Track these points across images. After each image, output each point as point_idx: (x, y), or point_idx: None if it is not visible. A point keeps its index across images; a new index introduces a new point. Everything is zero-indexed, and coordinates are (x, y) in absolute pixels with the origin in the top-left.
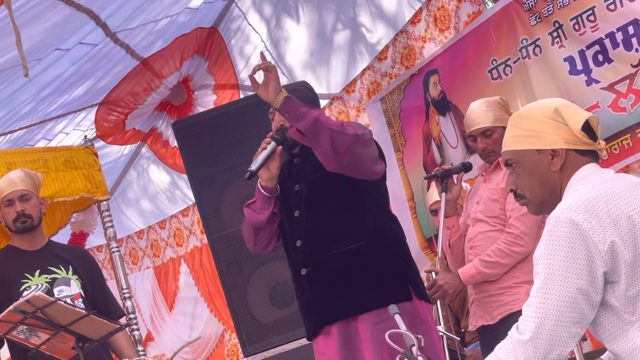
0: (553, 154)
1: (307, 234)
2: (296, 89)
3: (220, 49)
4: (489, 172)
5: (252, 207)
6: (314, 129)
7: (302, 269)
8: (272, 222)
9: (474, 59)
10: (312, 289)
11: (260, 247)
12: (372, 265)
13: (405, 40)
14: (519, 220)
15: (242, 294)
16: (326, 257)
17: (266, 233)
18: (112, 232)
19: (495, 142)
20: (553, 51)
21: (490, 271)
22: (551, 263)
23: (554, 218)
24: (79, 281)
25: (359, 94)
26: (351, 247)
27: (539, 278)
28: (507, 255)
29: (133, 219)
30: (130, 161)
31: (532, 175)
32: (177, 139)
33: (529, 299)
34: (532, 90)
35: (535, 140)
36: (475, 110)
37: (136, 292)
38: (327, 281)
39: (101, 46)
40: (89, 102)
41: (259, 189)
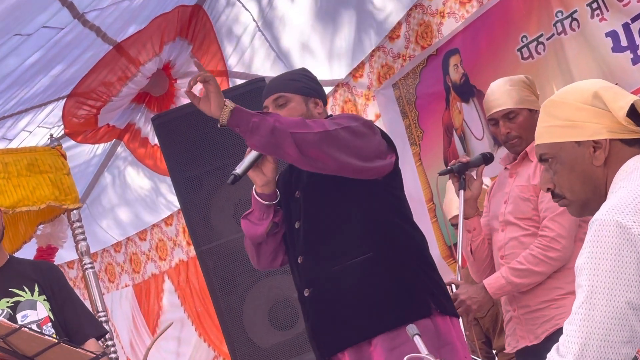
0: (595, 145)
1: (307, 249)
2: (294, 78)
3: (206, 30)
4: (515, 165)
5: (249, 218)
6: (272, 140)
7: (305, 290)
8: (275, 233)
9: (501, 36)
10: (317, 313)
11: (265, 263)
12: (383, 279)
13: (420, 15)
14: (554, 222)
15: (237, 315)
16: (330, 274)
17: (269, 247)
18: (84, 246)
19: (521, 126)
20: (593, 25)
21: (522, 280)
22: (595, 273)
23: (598, 221)
24: (47, 302)
25: (367, 80)
26: (357, 259)
27: (582, 291)
28: (541, 261)
29: (109, 230)
30: (104, 163)
31: (572, 172)
32: (158, 136)
33: (571, 316)
34: (569, 71)
35: (573, 130)
36: (497, 90)
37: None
38: (333, 302)
39: (68, 29)
40: (55, 94)
41: (255, 197)
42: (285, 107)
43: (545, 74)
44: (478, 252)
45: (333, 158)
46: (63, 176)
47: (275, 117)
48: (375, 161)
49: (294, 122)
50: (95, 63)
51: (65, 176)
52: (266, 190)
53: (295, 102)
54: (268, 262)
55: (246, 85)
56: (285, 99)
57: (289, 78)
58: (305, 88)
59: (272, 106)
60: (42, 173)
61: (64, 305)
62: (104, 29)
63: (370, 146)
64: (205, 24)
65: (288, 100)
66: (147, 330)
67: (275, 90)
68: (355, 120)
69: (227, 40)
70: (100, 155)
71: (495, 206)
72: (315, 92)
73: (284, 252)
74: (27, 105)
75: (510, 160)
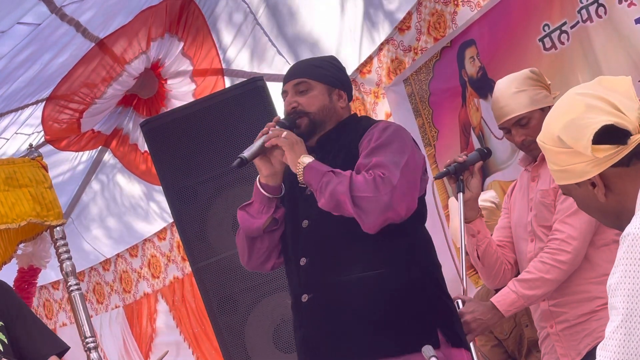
0: (592, 184)
1: (314, 251)
2: (320, 65)
3: (198, 25)
4: (536, 167)
5: (247, 209)
6: (334, 205)
7: (303, 295)
8: (272, 231)
9: (521, 25)
10: (313, 322)
11: (257, 262)
12: (394, 299)
13: (432, 4)
14: (564, 223)
15: (238, 336)
16: (335, 283)
17: (264, 244)
18: (69, 266)
19: (535, 130)
20: (621, 11)
21: (535, 292)
22: (631, 294)
23: (631, 235)
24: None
25: (376, 76)
26: (368, 273)
27: (617, 314)
28: (552, 267)
29: (96, 246)
30: (90, 172)
31: (587, 208)
32: (148, 142)
33: (605, 341)
34: (596, 62)
35: (565, 175)
36: (504, 95)
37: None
38: (335, 313)
39: (45, 25)
40: (33, 97)
41: (258, 188)
42: (306, 94)
43: (571, 66)
44: (486, 258)
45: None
46: (44, 190)
47: (344, 176)
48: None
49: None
50: (75, 62)
51: (47, 190)
52: (271, 181)
53: (318, 91)
54: (259, 263)
55: (243, 85)
56: (307, 86)
57: (315, 64)
58: (330, 77)
59: (292, 91)
60: (21, 187)
61: (14, 326)
62: (84, 24)
63: (418, 179)
64: (197, 18)
65: (310, 87)
66: (140, 355)
67: (298, 74)
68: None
69: (222, 35)
70: (86, 163)
71: (520, 213)
72: (341, 83)
73: (278, 255)
74: (1, 110)
75: (530, 160)
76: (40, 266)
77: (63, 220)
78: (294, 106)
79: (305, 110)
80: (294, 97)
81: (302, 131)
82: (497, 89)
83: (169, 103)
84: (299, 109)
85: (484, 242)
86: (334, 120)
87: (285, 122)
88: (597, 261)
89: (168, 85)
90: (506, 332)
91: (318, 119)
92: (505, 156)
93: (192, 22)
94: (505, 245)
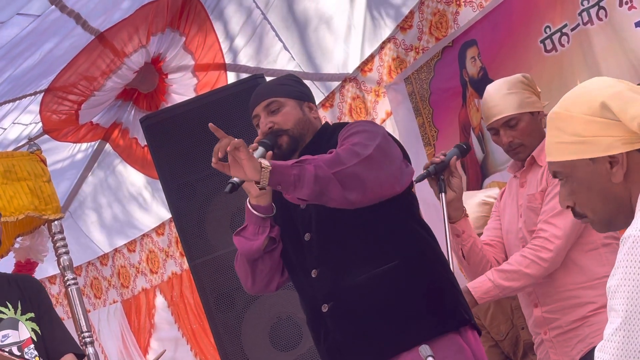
0: (612, 161)
1: (324, 261)
2: (284, 83)
3: (201, 20)
4: (524, 173)
5: (243, 234)
6: (318, 189)
7: (323, 305)
8: (271, 250)
9: (522, 26)
10: (341, 329)
11: (261, 284)
12: (414, 287)
13: (434, 4)
14: (548, 223)
15: (235, 334)
16: (353, 285)
17: (266, 266)
18: (67, 260)
19: (523, 132)
20: (621, 14)
21: (511, 284)
22: (631, 296)
23: (632, 237)
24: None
25: (377, 74)
26: (383, 268)
27: (617, 316)
28: (533, 263)
29: (95, 240)
30: (88, 165)
31: (590, 192)
32: (148, 138)
33: (603, 343)
34: (596, 65)
35: (584, 147)
36: (494, 96)
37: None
38: (360, 316)
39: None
40: (32, 88)
41: (250, 210)
42: (279, 112)
43: (570, 68)
44: (472, 257)
45: (378, 183)
46: (43, 184)
47: (311, 160)
48: (403, 176)
49: (330, 160)
50: (75, 54)
51: (45, 184)
52: (262, 202)
53: (290, 107)
54: (263, 285)
55: (243, 82)
56: (278, 104)
57: (278, 83)
58: (297, 92)
59: (264, 113)
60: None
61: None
62: (84, 16)
63: (398, 161)
64: (199, 13)
65: (282, 104)
66: (138, 350)
67: (266, 95)
68: (371, 137)
69: (226, 30)
70: (85, 155)
71: (510, 219)
72: (307, 96)
73: (280, 274)
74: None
75: (518, 167)
76: (38, 260)
77: (61, 214)
78: (271, 126)
79: (282, 128)
80: (267, 118)
81: (284, 149)
82: (488, 91)
83: (170, 98)
84: (275, 128)
85: (468, 241)
86: (311, 131)
87: (267, 142)
88: (586, 265)
89: (169, 80)
90: (503, 333)
91: (297, 134)
92: (504, 157)
93: (194, 17)
94: (496, 244)
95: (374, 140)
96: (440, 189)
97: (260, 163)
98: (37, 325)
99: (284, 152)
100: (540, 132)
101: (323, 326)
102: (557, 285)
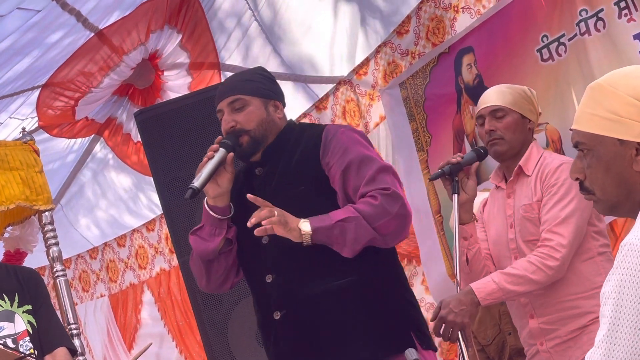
0: (639, 148)
1: (279, 268)
2: (251, 79)
3: (197, 18)
4: (511, 183)
5: (199, 233)
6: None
7: (275, 312)
8: (227, 251)
9: (519, 34)
10: (291, 338)
11: (215, 284)
12: (369, 305)
13: (432, 9)
14: (553, 232)
15: (221, 332)
16: (307, 296)
17: (221, 266)
18: (56, 251)
19: (507, 127)
20: (620, 26)
21: (515, 288)
22: (620, 304)
23: (628, 245)
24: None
25: (372, 78)
26: (339, 282)
27: (606, 322)
28: (539, 270)
29: (84, 234)
30: (81, 159)
31: (607, 171)
32: (141, 132)
33: (593, 349)
34: (591, 76)
35: (618, 126)
36: (492, 90)
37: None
38: (313, 327)
39: (45, 12)
40: (29, 83)
41: (207, 210)
42: (243, 110)
43: (566, 78)
44: (474, 264)
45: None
46: (35, 174)
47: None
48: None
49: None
50: (74, 50)
51: (38, 174)
52: (219, 202)
53: (254, 106)
54: (217, 285)
55: None
56: (242, 102)
57: (245, 79)
58: (264, 89)
59: (228, 110)
60: (12, 170)
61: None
62: (84, 14)
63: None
64: (196, 11)
65: (246, 103)
66: (123, 345)
67: (231, 92)
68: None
69: (220, 30)
70: (78, 151)
71: (498, 231)
72: (274, 94)
73: (235, 274)
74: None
75: (501, 177)
76: (27, 250)
77: (52, 205)
78: (233, 125)
79: (244, 129)
80: (230, 116)
81: (244, 149)
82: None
83: (165, 94)
84: (237, 127)
85: (474, 246)
86: (274, 132)
87: (228, 142)
88: (584, 274)
89: (164, 77)
90: (489, 338)
91: (259, 134)
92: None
93: (191, 15)
94: (487, 257)
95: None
96: (454, 189)
97: (300, 228)
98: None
99: (244, 151)
100: (524, 137)
101: (274, 332)
102: (555, 296)
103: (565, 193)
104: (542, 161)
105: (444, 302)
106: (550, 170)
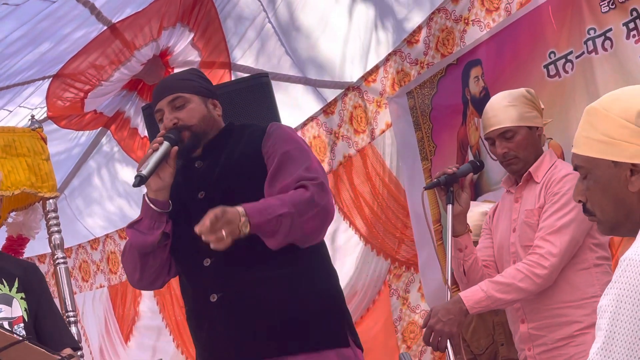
0: (633, 169)
1: (218, 252)
2: (188, 78)
3: (210, 17)
4: (520, 188)
5: (137, 227)
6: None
7: (212, 295)
8: (163, 245)
9: (527, 49)
10: (226, 320)
11: (148, 280)
12: (308, 297)
13: (443, 20)
14: (545, 240)
15: None
16: (247, 280)
17: (156, 261)
18: (58, 239)
19: (519, 145)
20: (627, 46)
21: (503, 296)
22: (616, 318)
23: (628, 260)
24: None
25: (380, 85)
26: (281, 270)
27: (601, 335)
28: (526, 277)
29: (86, 224)
30: (87, 151)
31: (604, 193)
32: (148, 127)
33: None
34: (597, 93)
35: (611, 148)
36: (494, 107)
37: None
38: (248, 311)
39: (60, 3)
40: (40, 73)
41: (147, 203)
42: (184, 108)
43: (571, 96)
44: (471, 274)
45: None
46: (41, 161)
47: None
48: None
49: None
50: (86, 43)
51: (44, 162)
52: (160, 196)
53: (195, 103)
54: (150, 281)
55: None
56: (183, 100)
57: (182, 78)
58: (202, 88)
59: (169, 108)
60: (18, 156)
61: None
62: (98, 7)
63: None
64: (209, 11)
65: (187, 101)
66: (120, 336)
67: (170, 90)
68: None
69: (232, 30)
70: (84, 143)
71: (502, 235)
72: (211, 93)
73: (169, 271)
74: (8, 82)
75: (512, 182)
76: (29, 236)
77: (56, 193)
78: (175, 122)
79: (187, 125)
80: (172, 114)
81: (186, 145)
82: (490, 102)
83: None
84: (180, 124)
85: (470, 257)
86: (215, 128)
87: (171, 136)
88: (577, 284)
89: None
90: (482, 348)
91: (200, 130)
92: (498, 177)
93: (204, 14)
94: (489, 265)
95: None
96: (448, 200)
97: (239, 226)
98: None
99: (186, 146)
100: (536, 148)
101: (208, 315)
102: (546, 303)
103: (565, 203)
104: (552, 169)
105: (433, 310)
106: (556, 179)
